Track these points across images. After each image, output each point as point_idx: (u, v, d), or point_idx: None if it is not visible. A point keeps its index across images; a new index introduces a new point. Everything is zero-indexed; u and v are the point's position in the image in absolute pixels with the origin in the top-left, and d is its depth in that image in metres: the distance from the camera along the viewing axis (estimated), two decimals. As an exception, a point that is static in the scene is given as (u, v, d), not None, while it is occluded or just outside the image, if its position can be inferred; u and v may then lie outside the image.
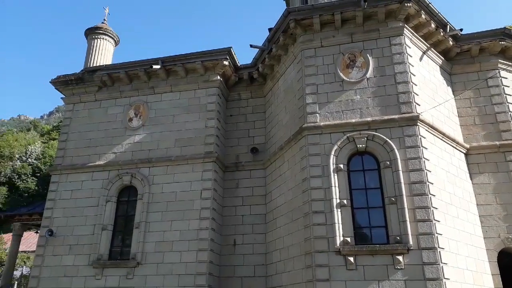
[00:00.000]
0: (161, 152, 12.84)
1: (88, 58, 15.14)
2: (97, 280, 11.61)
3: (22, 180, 56.02)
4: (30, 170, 57.51)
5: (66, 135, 14.18)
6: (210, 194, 11.84)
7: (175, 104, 13.41)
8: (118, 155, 13.18)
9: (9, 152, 59.58)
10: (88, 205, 12.72)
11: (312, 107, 10.56)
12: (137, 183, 12.63)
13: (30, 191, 54.49)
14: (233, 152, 13.18)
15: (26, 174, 56.64)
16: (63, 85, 14.53)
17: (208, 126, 12.75)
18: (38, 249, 12.68)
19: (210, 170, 12.16)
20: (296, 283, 9.61)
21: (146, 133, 13.26)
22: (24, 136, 69.30)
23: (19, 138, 65.32)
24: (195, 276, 10.92)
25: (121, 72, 13.68)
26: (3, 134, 71.73)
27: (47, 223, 12.83)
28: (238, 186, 12.69)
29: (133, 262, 11.45)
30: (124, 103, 13.92)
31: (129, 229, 12.28)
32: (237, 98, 13.89)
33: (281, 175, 11.34)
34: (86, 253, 12.05)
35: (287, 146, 11.16)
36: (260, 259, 11.55)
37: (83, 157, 13.48)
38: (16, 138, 64.87)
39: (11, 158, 59.05)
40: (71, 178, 13.31)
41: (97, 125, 13.85)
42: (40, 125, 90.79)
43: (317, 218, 9.40)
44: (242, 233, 12.01)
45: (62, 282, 11.89)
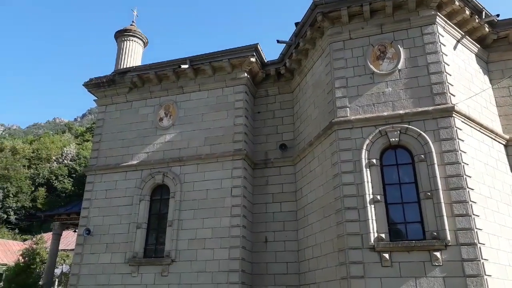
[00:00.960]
0: (191, 150, 12.98)
1: (119, 60, 15.49)
2: (134, 277, 11.90)
3: (59, 181, 58.33)
4: (66, 171, 59.80)
5: (99, 136, 14.57)
6: (240, 192, 11.87)
7: (203, 102, 13.52)
8: (150, 155, 13.43)
9: (46, 154, 62.17)
10: (122, 204, 13.04)
11: (342, 101, 10.37)
12: (169, 182, 12.83)
13: (67, 191, 56.67)
14: (262, 149, 13.16)
15: (62, 175, 58.95)
16: (95, 88, 14.94)
17: (236, 123, 12.78)
18: (76, 247, 13.14)
19: (240, 167, 12.18)
20: (330, 280, 9.50)
21: (176, 132, 13.45)
22: (60, 138, 72.08)
23: (55, 141, 68.01)
24: (228, 273, 10.99)
25: (150, 72, 13.92)
26: (40, 137, 74.90)
27: (84, 222, 13.26)
28: (267, 183, 12.66)
29: (167, 260, 11.66)
30: (154, 103, 14.16)
31: (162, 227, 12.51)
32: (264, 94, 13.84)
33: (311, 171, 11.22)
34: (122, 251, 12.37)
35: (316, 142, 11.02)
36: (292, 256, 11.50)
37: (116, 157, 13.82)
38: (53, 141, 67.57)
39: (48, 160, 61.59)
40: (106, 178, 13.68)
41: (129, 126, 14.16)
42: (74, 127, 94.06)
43: (350, 214, 9.24)
44: (273, 230, 11.99)
45: (100, 280, 12.26)
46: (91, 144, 67.53)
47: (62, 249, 26.67)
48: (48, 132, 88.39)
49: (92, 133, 72.78)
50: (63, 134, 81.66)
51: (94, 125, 76.98)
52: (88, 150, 61.25)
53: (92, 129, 73.01)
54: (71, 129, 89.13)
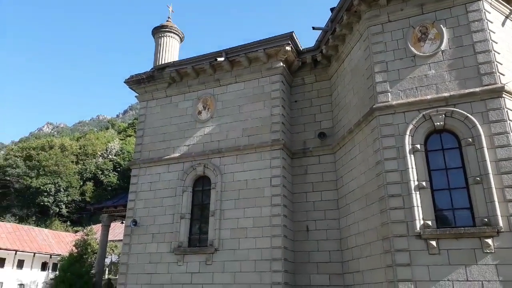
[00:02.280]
0: (230, 142, 13.14)
1: (157, 56, 15.86)
2: (179, 266, 12.30)
3: (105, 175, 61.06)
4: (111, 165, 62.46)
5: (142, 131, 15.05)
6: (280, 181, 11.90)
7: (240, 94, 13.60)
8: (191, 147, 13.73)
9: (92, 150, 65.14)
10: (166, 195, 13.46)
11: (382, 86, 10.09)
12: (210, 173, 13.08)
13: (113, 185, 59.22)
14: (300, 138, 13.09)
15: (108, 170, 61.62)
16: (136, 84, 15.42)
17: (273, 113, 12.77)
18: (124, 238, 13.73)
19: (278, 157, 12.20)
20: (375, 269, 9.37)
21: (215, 124, 13.65)
22: (104, 134, 75.22)
23: (99, 137, 71.09)
24: (271, 261, 11.11)
25: (188, 67, 14.17)
26: (86, 134, 78.51)
27: (131, 213, 13.83)
28: (307, 172, 12.61)
29: (211, 249, 11.95)
30: (192, 97, 14.43)
31: (205, 217, 12.81)
32: (301, 83, 13.72)
33: (352, 159, 11.05)
34: (167, 241, 12.80)
35: (357, 129, 10.81)
36: (335, 245, 11.43)
37: (158, 150, 14.25)
38: (97, 137, 70.66)
39: (94, 155, 64.52)
40: (149, 171, 14.16)
41: (170, 120, 14.53)
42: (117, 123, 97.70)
43: (394, 201, 9.03)
44: (314, 219, 11.95)
45: (147, 268, 12.78)
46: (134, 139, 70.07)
47: (111, 240, 27.94)
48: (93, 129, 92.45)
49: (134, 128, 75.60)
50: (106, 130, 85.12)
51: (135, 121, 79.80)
52: (130, 145, 63.61)
53: (133, 125, 75.61)
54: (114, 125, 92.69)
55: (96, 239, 27.72)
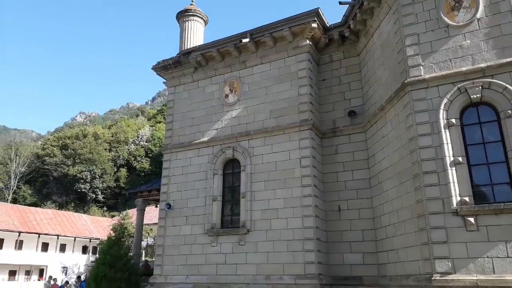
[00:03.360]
0: (258, 124, 13.11)
1: (182, 41, 15.89)
2: (213, 247, 12.56)
3: (137, 161, 62.76)
4: (143, 152, 64.07)
5: (171, 117, 15.25)
6: (309, 162, 11.82)
7: (266, 75, 13.47)
8: (219, 131, 13.82)
9: (124, 137, 66.90)
10: (198, 179, 13.68)
11: (414, 60, 9.70)
12: (239, 156, 13.16)
13: (145, 170, 60.83)
14: (329, 118, 12.89)
15: (140, 156, 63.27)
16: (163, 70, 15.56)
17: (301, 93, 12.59)
18: (159, 221, 14.13)
19: (307, 138, 12.08)
20: (410, 247, 9.23)
21: (242, 107, 13.63)
22: (134, 121, 76.97)
23: (130, 124, 72.81)
24: (303, 241, 11.15)
25: (213, 50, 14.13)
26: (117, 122, 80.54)
27: (165, 197, 14.17)
28: (337, 151, 12.45)
29: (243, 230, 12.11)
30: (219, 80, 14.43)
31: (236, 199, 12.97)
32: (328, 60, 13.41)
33: (384, 137, 10.79)
34: (200, 223, 13.08)
35: (388, 105, 10.51)
36: (368, 224, 11.32)
37: (188, 135, 14.43)
38: (128, 124, 72.40)
39: (126, 142, 66.27)
40: (180, 155, 14.39)
41: (197, 104, 14.63)
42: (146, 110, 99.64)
43: (429, 178, 8.79)
44: (346, 199, 11.85)
45: (183, 250, 13.13)
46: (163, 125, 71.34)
47: (146, 223, 28.87)
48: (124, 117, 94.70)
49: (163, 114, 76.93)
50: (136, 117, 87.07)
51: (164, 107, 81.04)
52: (160, 131, 64.83)
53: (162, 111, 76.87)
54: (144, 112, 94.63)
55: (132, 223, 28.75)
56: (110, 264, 13.86)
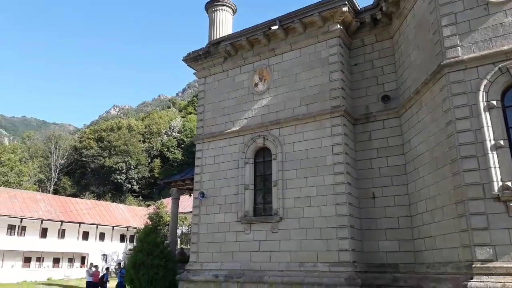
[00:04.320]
0: (288, 112, 13.03)
1: (211, 31, 15.94)
2: (247, 234, 12.71)
3: (170, 152, 64.15)
4: (175, 142, 65.39)
5: (202, 107, 15.42)
6: (342, 149, 11.66)
7: (296, 62, 13.32)
8: (250, 120, 13.85)
9: (156, 129, 68.48)
10: (229, 168, 13.82)
11: (451, 40, 9.29)
12: (270, 144, 13.16)
13: (178, 160, 62.11)
14: (362, 103, 12.63)
15: (173, 147, 64.62)
16: (193, 61, 15.70)
17: (332, 79, 12.38)
18: (194, 209, 14.42)
19: (339, 124, 11.90)
20: (448, 233, 8.98)
21: (272, 95, 13.57)
22: (166, 113, 78.48)
23: (162, 116, 74.34)
24: (337, 229, 11.07)
25: (242, 39, 14.10)
26: (149, 114, 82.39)
27: (198, 186, 14.42)
28: (371, 138, 12.21)
29: (276, 218, 12.16)
30: (248, 69, 14.41)
31: (268, 188, 13.02)
32: (360, 44, 13.09)
33: (420, 121, 10.47)
34: (233, 211, 13.24)
35: (424, 89, 10.16)
36: (403, 211, 11.09)
37: (219, 125, 14.57)
38: (160, 116, 73.94)
39: (159, 133, 67.81)
40: (212, 145, 14.57)
41: (228, 94, 14.70)
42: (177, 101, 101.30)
43: (468, 163, 8.47)
44: (380, 186, 11.64)
45: (217, 237, 13.37)
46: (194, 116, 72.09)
47: (180, 212, 29.53)
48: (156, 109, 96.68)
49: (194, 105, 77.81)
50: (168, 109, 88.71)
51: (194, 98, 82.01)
52: (191, 122, 65.80)
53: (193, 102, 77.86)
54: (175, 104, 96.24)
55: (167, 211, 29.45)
56: (148, 252, 14.34)
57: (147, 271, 13.93)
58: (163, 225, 20.81)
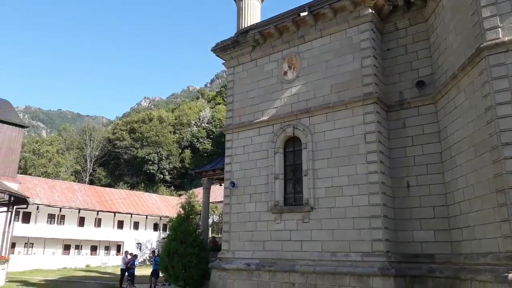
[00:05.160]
0: (319, 100, 12.83)
1: (239, 20, 15.86)
2: (277, 224, 12.73)
3: (200, 143, 65.01)
4: (204, 133, 66.16)
5: (231, 97, 15.44)
6: (375, 137, 11.39)
7: (326, 49, 13.06)
8: (279, 109, 13.75)
9: (186, 120, 69.38)
10: (259, 157, 13.83)
11: (491, 21, 8.81)
12: (300, 134, 13.03)
13: (208, 151, 62.88)
14: (396, 90, 12.25)
15: (202, 137, 65.43)
16: (222, 51, 15.70)
17: (364, 65, 12.06)
18: (225, 198, 14.56)
19: (372, 112, 11.61)
20: (487, 223, 8.63)
21: (301, 83, 13.40)
22: (195, 104, 79.30)
23: (191, 107, 75.18)
24: (370, 219, 10.89)
25: (270, 27, 13.94)
26: (179, 105, 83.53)
27: (228, 176, 14.53)
28: (405, 125, 11.85)
29: (307, 207, 12.09)
30: (277, 57, 14.27)
31: (298, 177, 12.93)
32: (393, 29, 12.65)
33: (457, 107, 10.05)
34: (264, 200, 13.27)
35: (461, 73, 9.73)
36: (439, 200, 10.75)
37: (248, 115, 14.55)
38: (190, 107, 74.82)
39: (189, 124, 68.72)
40: (242, 135, 14.60)
41: (256, 84, 14.63)
42: (206, 92, 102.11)
43: (509, 150, 8.07)
44: (415, 174, 11.31)
45: (248, 226, 13.46)
46: (223, 106, 72.52)
47: (211, 202, 29.97)
48: (185, 100, 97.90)
49: (222, 96, 78.24)
50: (197, 100, 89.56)
51: (222, 89, 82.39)
52: (220, 113, 66.28)
53: (221, 93, 78.33)
54: (203, 95, 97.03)
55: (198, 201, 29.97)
56: (181, 240, 14.64)
57: (180, 259, 14.24)
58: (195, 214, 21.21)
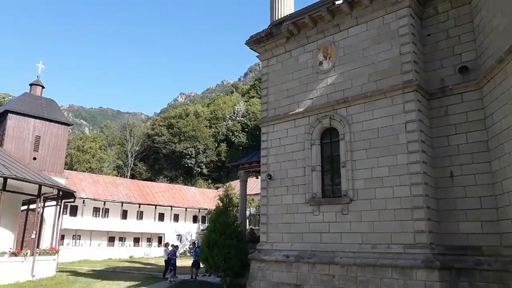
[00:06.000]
0: (356, 90, 12.55)
1: (273, 12, 15.72)
2: (316, 216, 12.64)
3: (235, 136, 65.68)
4: (239, 126, 66.72)
5: (266, 90, 15.40)
6: (416, 126, 11.01)
7: (363, 37, 12.72)
8: (315, 100, 13.58)
9: (221, 114, 70.20)
10: (295, 150, 13.75)
11: (543, -1, 8.26)
12: (337, 124, 12.82)
13: (243, 144, 63.42)
14: (437, 76, 11.77)
15: (237, 131, 66.05)
16: (256, 44, 15.67)
17: (403, 52, 11.65)
18: (262, 191, 14.62)
19: (412, 100, 11.22)
20: (541, 215, 8.17)
21: (338, 73, 13.15)
22: (230, 98, 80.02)
23: (226, 101, 75.93)
24: (412, 210, 10.58)
25: (304, 17, 13.76)
26: (214, 100, 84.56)
27: (265, 168, 14.56)
28: (447, 113, 11.38)
29: (345, 199, 11.93)
30: (312, 48, 14.07)
31: (335, 169, 12.76)
32: (433, 13, 12.11)
33: (504, 93, 9.52)
34: (301, 192, 13.21)
35: (509, 57, 9.18)
36: (486, 190, 10.27)
37: (284, 107, 14.48)
38: (224, 101, 75.60)
39: (224, 118, 69.52)
40: (277, 127, 14.56)
41: (291, 75, 14.52)
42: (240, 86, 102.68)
43: None
44: (459, 164, 10.86)
45: (286, 218, 13.46)
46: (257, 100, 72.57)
47: (247, 194, 30.15)
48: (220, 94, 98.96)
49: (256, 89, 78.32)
50: (231, 94, 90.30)
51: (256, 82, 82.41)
52: (254, 106, 66.48)
53: (255, 86, 78.48)
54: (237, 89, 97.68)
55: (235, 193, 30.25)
56: (220, 232, 14.88)
57: (220, 250, 14.49)
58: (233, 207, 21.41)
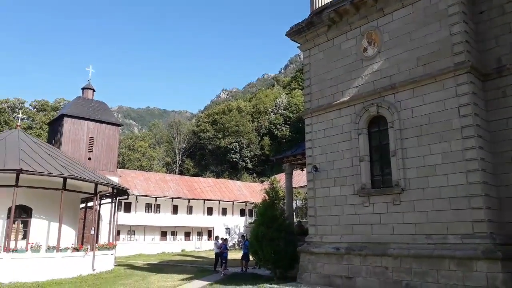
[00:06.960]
0: (403, 75, 12.05)
1: (313, 1, 15.40)
2: (365, 207, 12.33)
3: (278, 129, 65.65)
4: (282, 119, 66.59)
5: (308, 81, 15.18)
6: (470, 110, 10.40)
7: (408, 19, 12.17)
8: (360, 88, 13.20)
9: (263, 108, 70.38)
10: (341, 140, 13.46)
11: None
12: (385, 112, 12.40)
13: (286, 137, 63.28)
14: (492, 56, 11.03)
15: (280, 124, 65.98)
16: (296, 35, 15.46)
17: (453, 33, 11.01)
18: (308, 183, 14.48)
19: (465, 82, 10.60)
20: None
21: (383, 59, 12.68)
22: (271, 91, 79.98)
23: (268, 94, 76.02)
24: (469, 198, 10.04)
25: (346, 3, 13.37)
26: (255, 94, 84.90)
27: (310, 160, 14.40)
28: (506, 94, 10.65)
29: (397, 189, 11.53)
30: (355, 34, 13.66)
31: (385, 158, 12.35)
32: (486, -12, 11.34)
33: None
34: (349, 184, 12.93)
35: None
36: (554, 175, 9.52)
37: (327, 97, 14.20)
38: (266, 95, 75.71)
39: (266, 112, 69.66)
40: (321, 118, 14.32)
41: (334, 64, 14.19)
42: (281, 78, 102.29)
43: None
44: (521, 148, 10.14)
45: (334, 210, 13.25)
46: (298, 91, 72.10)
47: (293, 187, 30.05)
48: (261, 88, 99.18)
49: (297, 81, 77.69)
50: (272, 87, 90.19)
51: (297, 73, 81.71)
52: (296, 98, 66.01)
53: (296, 78, 77.81)
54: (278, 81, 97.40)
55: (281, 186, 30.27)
56: (268, 225, 14.93)
57: (269, 243, 14.55)
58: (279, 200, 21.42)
